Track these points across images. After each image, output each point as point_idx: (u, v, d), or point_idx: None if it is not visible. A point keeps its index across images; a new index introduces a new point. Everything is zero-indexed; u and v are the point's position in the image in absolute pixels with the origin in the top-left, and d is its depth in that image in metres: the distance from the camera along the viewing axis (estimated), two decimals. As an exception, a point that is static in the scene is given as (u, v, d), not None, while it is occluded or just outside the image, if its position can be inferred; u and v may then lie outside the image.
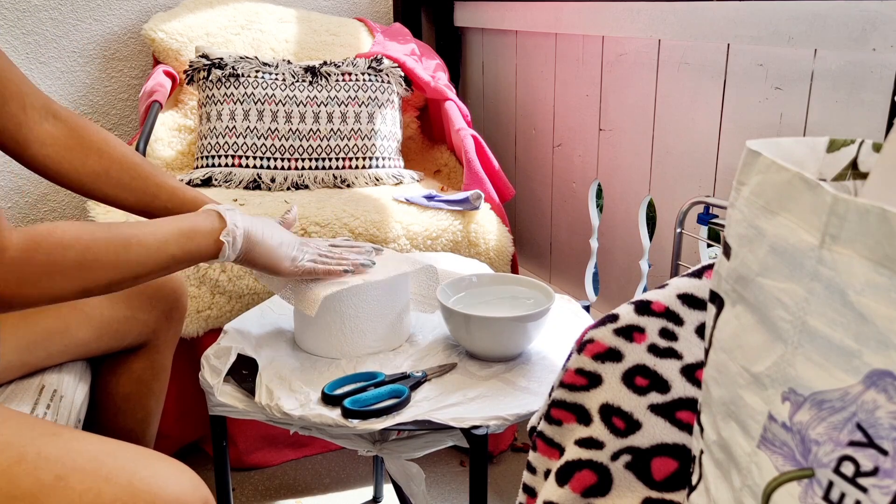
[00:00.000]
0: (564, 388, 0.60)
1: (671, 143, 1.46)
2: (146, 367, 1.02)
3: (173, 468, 0.68)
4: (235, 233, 0.83)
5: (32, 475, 0.62)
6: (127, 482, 0.64)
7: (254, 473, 1.50)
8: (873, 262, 0.35)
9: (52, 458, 0.63)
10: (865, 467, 0.36)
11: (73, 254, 0.69)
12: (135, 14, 2.03)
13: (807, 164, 0.50)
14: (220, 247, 0.82)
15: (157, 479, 0.65)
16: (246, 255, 0.86)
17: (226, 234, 0.82)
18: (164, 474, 0.66)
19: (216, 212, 0.84)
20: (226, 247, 0.82)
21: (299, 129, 1.69)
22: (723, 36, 1.26)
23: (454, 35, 2.30)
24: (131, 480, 0.64)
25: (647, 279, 1.59)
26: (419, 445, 0.92)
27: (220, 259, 0.83)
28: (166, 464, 0.68)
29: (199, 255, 0.81)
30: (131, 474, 0.64)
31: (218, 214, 0.84)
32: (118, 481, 0.64)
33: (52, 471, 0.62)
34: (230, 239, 0.83)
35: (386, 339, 0.97)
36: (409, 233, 1.45)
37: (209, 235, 0.82)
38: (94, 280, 0.71)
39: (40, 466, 0.62)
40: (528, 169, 2.02)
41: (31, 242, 0.66)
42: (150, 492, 0.64)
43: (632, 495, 0.56)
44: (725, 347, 0.45)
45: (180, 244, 0.79)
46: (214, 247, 0.82)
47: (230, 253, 0.83)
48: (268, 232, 0.88)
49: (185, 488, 0.66)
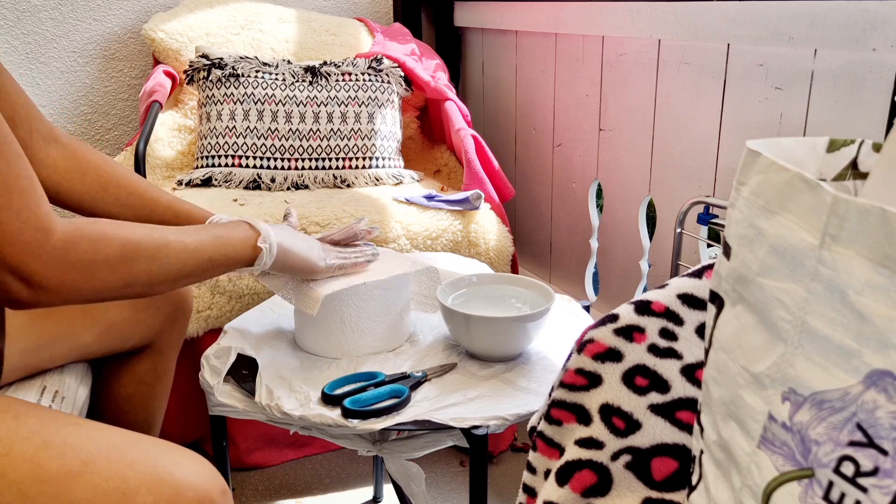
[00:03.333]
0: (564, 388, 0.60)
1: (671, 143, 1.46)
2: (149, 369, 1.02)
3: (193, 458, 0.69)
4: (271, 240, 0.84)
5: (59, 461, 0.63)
6: (151, 470, 0.65)
7: (254, 473, 1.50)
8: (873, 262, 0.35)
9: (77, 445, 0.65)
10: (865, 467, 0.36)
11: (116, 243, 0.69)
12: (135, 14, 2.03)
13: (807, 164, 0.50)
14: (257, 253, 0.83)
15: (179, 467, 0.67)
16: (282, 262, 0.87)
17: (262, 241, 0.83)
18: (185, 464, 0.68)
19: (245, 221, 0.85)
20: (263, 253, 0.83)
21: (299, 129, 1.69)
22: (723, 36, 1.26)
23: (454, 35, 2.30)
24: (155, 468, 0.66)
25: (647, 279, 1.59)
26: (419, 445, 0.92)
27: (257, 266, 0.84)
28: (186, 454, 0.69)
29: (236, 261, 0.82)
30: (155, 462, 0.66)
31: (247, 224, 0.85)
32: (142, 469, 0.65)
33: (78, 457, 0.64)
34: (267, 245, 0.84)
35: (386, 339, 0.97)
36: (409, 233, 1.45)
37: (244, 242, 0.82)
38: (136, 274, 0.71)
39: (66, 453, 0.64)
40: (528, 169, 2.02)
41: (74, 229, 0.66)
42: (174, 479, 0.66)
43: (632, 495, 0.56)
44: (725, 347, 0.45)
45: (217, 247, 0.79)
46: (252, 253, 0.83)
47: (268, 259, 0.84)
48: (293, 237, 0.89)
49: (205, 477, 0.68)
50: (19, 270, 0.63)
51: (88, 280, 0.67)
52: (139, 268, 0.71)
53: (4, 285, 0.63)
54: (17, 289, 0.63)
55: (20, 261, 0.62)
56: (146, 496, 0.64)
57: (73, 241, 0.66)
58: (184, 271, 0.76)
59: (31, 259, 0.63)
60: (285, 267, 0.88)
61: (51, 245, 0.64)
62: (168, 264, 0.74)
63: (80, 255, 0.66)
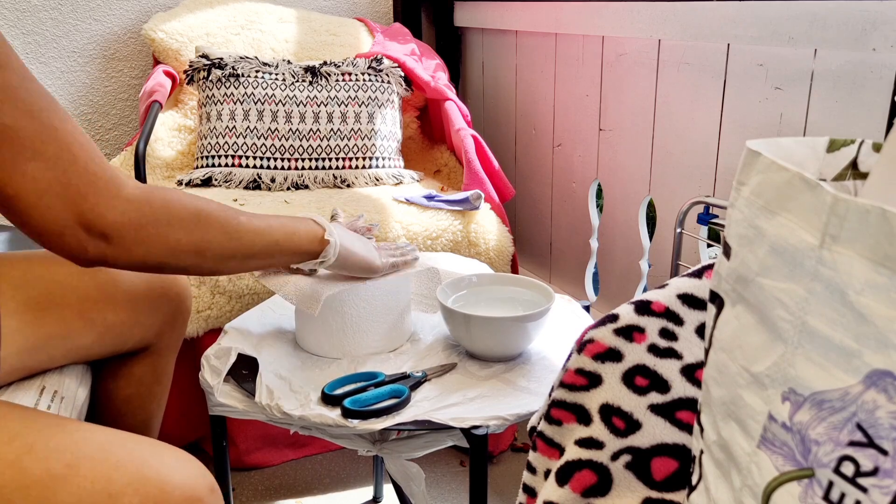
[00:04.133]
0: (564, 388, 0.60)
1: (671, 143, 1.46)
2: (148, 371, 1.02)
3: (180, 457, 0.69)
4: (335, 236, 0.86)
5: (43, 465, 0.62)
6: (136, 469, 0.65)
7: (254, 473, 1.50)
8: (873, 262, 0.35)
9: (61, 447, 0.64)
10: (865, 467, 0.36)
11: (190, 207, 0.69)
12: (135, 14, 2.03)
13: (807, 164, 0.50)
14: (324, 247, 0.85)
15: (166, 466, 0.66)
16: (343, 259, 0.88)
17: (329, 235, 0.85)
18: (171, 462, 0.67)
19: (309, 217, 0.86)
20: (330, 246, 0.85)
21: (299, 129, 1.69)
22: (723, 36, 1.26)
23: (454, 35, 2.30)
24: (140, 468, 0.65)
25: (647, 279, 1.59)
26: (419, 445, 0.92)
27: (321, 260, 0.85)
28: (173, 452, 0.69)
29: (301, 250, 0.83)
30: (140, 462, 0.65)
31: (311, 219, 0.86)
32: (128, 469, 0.64)
33: (61, 460, 0.63)
34: (334, 240, 0.85)
35: (387, 339, 0.97)
36: (409, 233, 1.45)
37: (310, 234, 0.84)
38: (209, 242, 0.70)
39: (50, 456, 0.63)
40: (528, 169, 2.02)
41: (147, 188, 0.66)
42: (160, 479, 0.65)
43: (632, 495, 0.56)
44: (725, 347, 0.45)
45: (285, 234, 0.80)
46: (318, 247, 0.85)
47: (332, 255, 0.86)
48: (352, 237, 0.91)
49: (192, 475, 0.67)
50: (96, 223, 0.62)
51: (163, 238, 0.67)
52: (212, 236, 0.71)
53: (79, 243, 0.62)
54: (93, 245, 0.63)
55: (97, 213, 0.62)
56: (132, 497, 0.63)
57: (147, 195, 0.66)
58: (252, 250, 0.76)
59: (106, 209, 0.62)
60: (346, 264, 0.89)
61: (125, 195, 0.64)
62: (239, 239, 0.74)
63: (154, 209, 0.66)
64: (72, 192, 0.61)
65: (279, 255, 0.81)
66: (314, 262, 0.86)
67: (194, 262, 0.71)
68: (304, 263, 0.86)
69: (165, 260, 0.68)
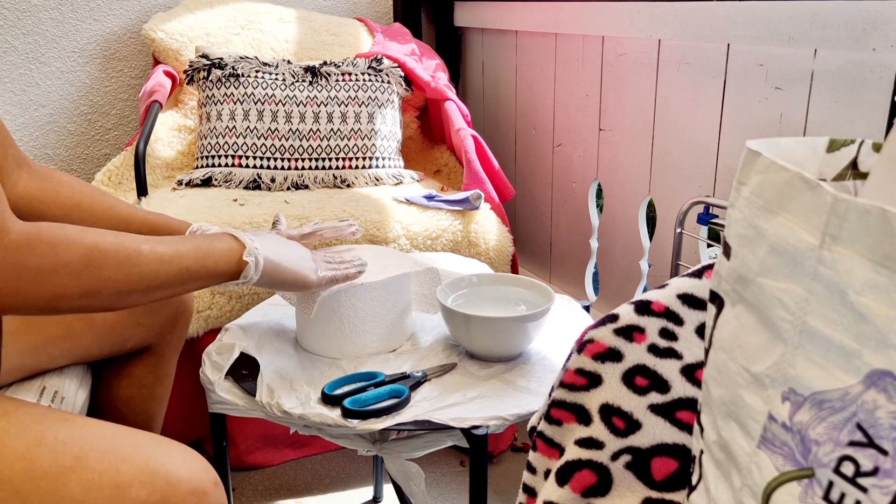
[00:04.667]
0: (564, 388, 0.60)
1: (671, 143, 1.46)
2: (149, 372, 1.02)
3: (185, 451, 0.69)
4: (257, 253, 0.80)
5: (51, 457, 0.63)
6: (143, 462, 0.65)
7: (254, 473, 1.50)
8: (873, 262, 0.35)
9: (70, 440, 0.65)
10: (865, 467, 0.36)
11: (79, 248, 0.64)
12: (135, 14, 2.03)
13: (807, 164, 0.50)
14: (242, 267, 0.78)
15: (172, 460, 0.67)
16: (271, 277, 0.82)
17: (248, 255, 0.79)
18: (177, 456, 0.68)
19: (229, 234, 0.80)
20: (249, 267, 0.79)
21: (299, 129, 1.69)
22: (723, 36, 1.26)
23: (454, 35, 2.30)
24: (147, 461, 0.66)
25: (647, 279, 1.59)
26: (419, 445, 0.92)
27: (242, 280, 0.79)
28: (178, 447, 0.70)
29: (217, 274, 0.77)
30: (147, 455, 0.66)
31: (231, 236, 0.80)
32: (135, 462, 0.65)
33: (70, 452, 0.64)
34: (253, 259, 0.79)
35: (387, 340, 0.97)
36: (409, 233, 1.45)
37: (228, 254, 0.78)
38: (102, 281, 0.66)
39: (58, 449, 0.64)
40: (528, 169, 2.02)
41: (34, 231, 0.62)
42: (166, 471, 0.66)
43: (632, 495, 0.56)
44: (725, 347, 0.45)
45: (196, 258, 0.74)
46: (236, 267, 0.78)
47: (254, 274, 0.79)
48: (282, 249, 0.85)
49: (197, 470, 0.68)
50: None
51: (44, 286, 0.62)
52: (104, 276, 0.66)
53: None
54: None
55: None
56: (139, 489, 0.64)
57: (31, 242, 0.61)
58: (156, 281, 0.70)
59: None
60: (274, 281, 0.83)
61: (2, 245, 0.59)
62: (139, 273, 0.68)
63: (36, 258, 0.61)
64: None
65: (191, 281, 0.74)
66: (234, 283, 0.80)
67: (84, 304, 0.66)
68: (223, 285, 0.80)
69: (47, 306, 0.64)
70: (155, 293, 0.71)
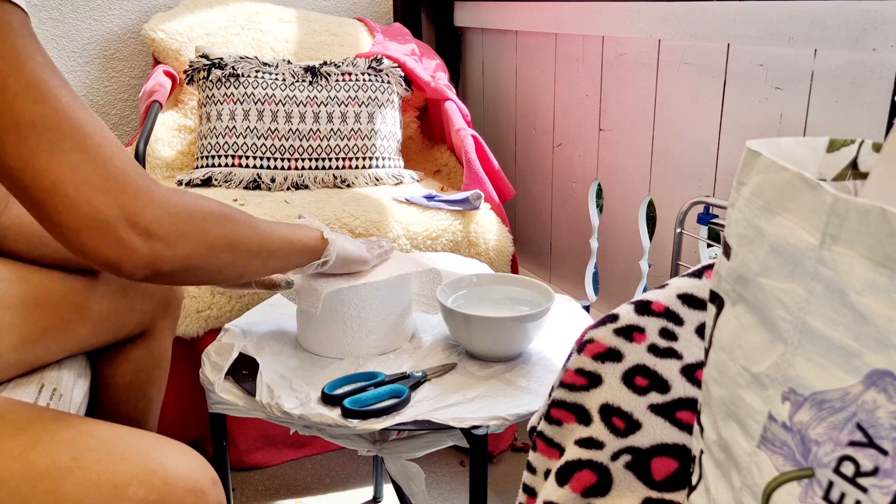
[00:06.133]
0: (564, 388, 0.60)
1: (671, 143, 1.46)
2: (146, 356, 1.02)
3: (182, 450, 0.70)
4: (331, 236, 0.87)
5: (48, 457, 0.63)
6: (141, 461, 0.65)
7: (254, 473, 1.50)
8: (873, 262, 0.35)
9: (67, 441, 0.65)
10: (865, 467, 0.36)
11: (214, 203, 0.69)
12: (135, 14, 2.03)
13: (807, 164, 0.50)
14: (325, 246, 0.86)
15: (169, 459, 0.67)
16: (341, 259, 0.90)
17: (328, 234, 0.87)
18: (174, 455, 0.68)
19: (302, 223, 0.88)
20: (332, 243, 0.87)
21: (299, 129, 1.69)
22: (723, 36, 1.26)
23: (454, 35, 2.30)
24: (145, 460, 0.66)
25: (647, 279, 1.59)
26: (419, 445, 0.92)
27: (324, 259, 0.86)
28: (175, 446, 0.70)
29: (308, 250, 0.84)
30: (144, 455, 0.66)
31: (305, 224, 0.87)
32: (132, 461, 0.65)
33: (67, 453, 0.64)
34: (332, 237, 0.87)
35: (388, 340, 0.97)
36: (409, 233, 1.45)
37: (312, 234, 0.85)
38: (239, 235, 0.71)
39: (56, 449, 0.64)
40: (528, 169, 2.02)
41: (172, 189, 0.66)
42: (164, 471, 0.66)
43: (632, 495, 0.56)
44: (725, 347, 0.45)
45: (291, 232, 0.81)
46: (321, 245, 0.86)
47: (332, 253, 0.87)
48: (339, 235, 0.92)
49: (195, 468, 0.68)
50: (138, 218, 0.61)
51: (202, 230, 0.66)
52: (240, 231, 0.71)
53: (124, 242, 0.60)
54: (139, 244, 0.61)
55: (138, 206, 0.61)
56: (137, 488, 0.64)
57: (177, 193, 0.65)
58: (272, 246, 0.77)
59: (147, 204, 0.61)
60: (345, 261, 0.91)
61: (161, 192, 0.63)
62: (261, 235, 0.75)
63: (189, 205, 0.66)
64: (112, 185, 0.60)
65: (293, 253, 0.82)
66: (317, 263, 0.87)
67: (229, 260, 0.71)
68: (307, 266, 0.87)
69: (205, 257, 0.68)
70: (271, 261, 0.78)
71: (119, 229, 0.60)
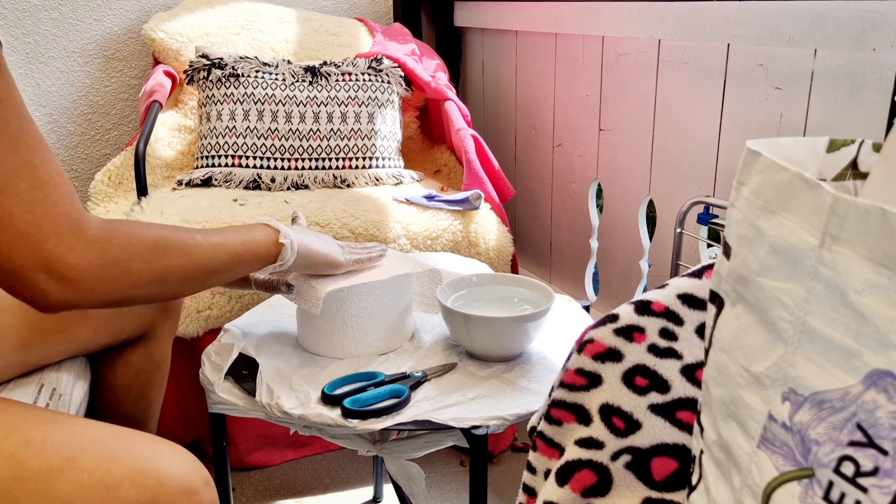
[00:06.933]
0: (564, 388, 0.60)
1: (671, 143, 1.46)
2: (145, 359, 1.03)
3: (175, 450, 0.70)
4: (291, 237, 0.85)
5: (40, 458, 0.63)
6: (133, 462, 0.66)
7: (254, 473, 1.50)
8: (873, 262, 0.35)
9: (58, 441, 0.65)
10: (865, 467, 0.36)
11: (149, 238, 0.69)
12: (135, 14, 2.03)
13: (807, 164, 0.50)
14: (279, 250, 0.84)
15: (162, 459, 0.67)
16: (304, 258, 0.88)
17: (284, 237, 0.84)
18: (167, 455, 0.68)
19: (262, 223, 0.86)
20: (286, 249, 0.84)
21: (299, 129, 1.69)
22: (723, 36, 1.26)
23: (454, 35, 2.30)
24: (137, 460, 0.66)
25: (647, 279, 1.59)
26: (419, 445, 0.92)
27: (280, 263, 0.85)
28: (168, 446, 0.70)
29: (260, 258, 0.83)
30: (137, 455, 0.66)
31: (264, 224, 0.85)
32: (125, 461, 0.65)
33: (59, 453, 0.64)
34: (288, 241, 0.85)
35: (388, 340, 0.97)
36: (409, 233, 1.45)
37: (266, 239, 0.83)
38: (170, 269, 0.71)
39: (47, 450, 0.64)
40: (528, 169, 2.02)
41: (108, 224, 0.66)
42: (156, 471, 0.66)
43: (632, 495, 0.56)
44: (725, 347, 0.45)
45: (241, 244, 0.80)
46: (275, 250, 0.84)
47: (290, 256, 0.85)
48: (309, 235, 0.90)
49: (187, 469, 0.68)
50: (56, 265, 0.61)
51: (124, 274, 0.67)
52: (172, 262, 0.71)
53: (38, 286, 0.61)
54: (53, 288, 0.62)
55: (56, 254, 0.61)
56: (130, 489, 0.64)
57: (108, 234, 0.66)
58: (212, 267, 0.76)
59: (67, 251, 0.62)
60: (308, 263, 0.89)
61: (86, 237, 0.63)
62: (198, 259, 0.74)
63: (114, 248, 0.66)
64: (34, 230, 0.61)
65: (239, 265, 0.81)
66: (274, 267, 0.86)
67: (157, 291, 0.71)
68: (265, 270, 0.85)
69: (129, 294, 0.68)
70: (212, 279, 0.77)
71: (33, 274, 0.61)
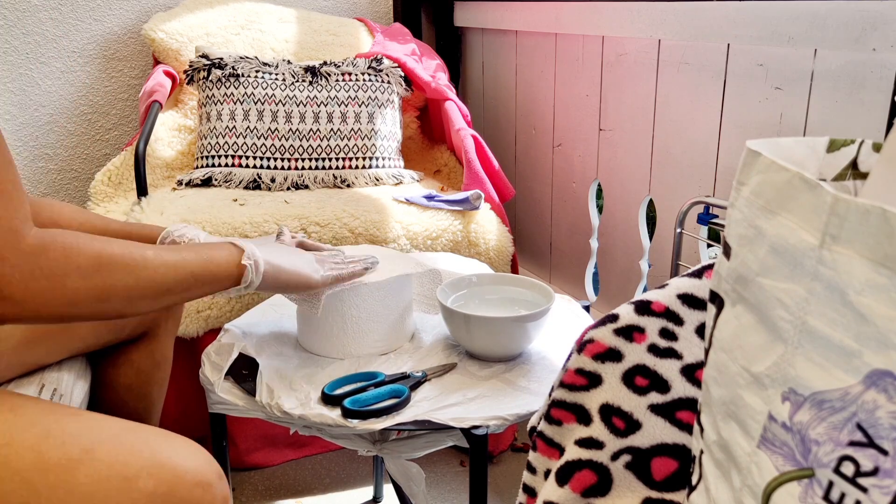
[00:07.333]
0: (564, 388, 0.60)
1: (671, 143, 1.46)
2: (147, 357, 1.03)
3: (190, 445, 0.71)
4: (256, 257, 0.82)
5: (60, 449, 0.64)
6: (151, 455, 0.67)
7: (254, 473, 1.50)
8: (873, 262, 0.35)
9: (78, 433, 0.66)
10: (865, 467, 0.36)
11: (90, 253, 0.66)
12: (135, 14, 2.03)
13: (807, 164, 0.50)
14: (241, 271, 0.81)
15: (178, 452, 0.68)
16: (273, 279, 0.84)
17: (247, 258, 0.81)
18: (182, 449, 0.69)
19: (229, 242, 0.83)
20: (248, 271, 0.81)
21: (299, 129, 1.69)
22: (723, 36, 1.26)
23: (454, 35, 2.30)
24: (155, 453, 0.67)
25: (647, 279, 1.59)
26: (419, 445, 0.92)
27: (244, 285, 0.82)
28: (183, 441, 0.71)
29: (220, 278, 0.79)
30: (154, 448, 0.67)
31: (231, 244, 0.82)
32: (142, 454, 0.66)
33: (78, 445, 0.65)
34: (251, 262, 0.81)
35: (388, 340, 0.97)
36: (409, 233, 1.45)
37: (229, 259, 0.80)
38: (111, 287, 0.68)
39: (67, 441, 0.65)
40: (528, 169, 2.02)
41: (48, 236, 0.64)
42: (173, 463, 0.67)
43: (632, 495, 0.56)
44: (725, 347, 0.45)
45: (200, 264, 0.77)
46: (237, 271, 0.81)
47: (254, 278, 0.82)
48: (281, 253, 0.87)
49: (202, 462, 0.69)
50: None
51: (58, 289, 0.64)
52: (114, 280, 0.68)
53: None
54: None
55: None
56: (147, 480, 0.65)
57: (45, 246, 0.63)
58: (163, 287, 0.72)
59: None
60: (278, 284, 0.86)
61: (20, 249, 0.61)
62: (147, 278, 0.71)
63: (50, 261, 0.63)
64: None
65: (196, 286, 0.77)
66: (237, 289, 0.82)
67: (98, 309, 0.68)
68: (227, 291, 0.82)
69: (64, 311, 0.66)
70: (163, 298, 0.74)
71: None
